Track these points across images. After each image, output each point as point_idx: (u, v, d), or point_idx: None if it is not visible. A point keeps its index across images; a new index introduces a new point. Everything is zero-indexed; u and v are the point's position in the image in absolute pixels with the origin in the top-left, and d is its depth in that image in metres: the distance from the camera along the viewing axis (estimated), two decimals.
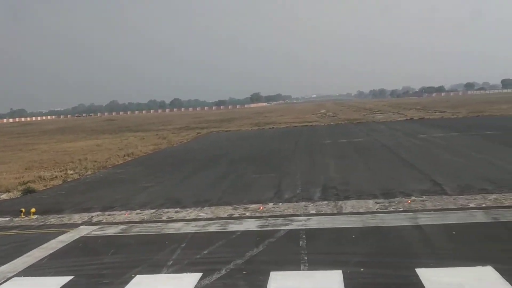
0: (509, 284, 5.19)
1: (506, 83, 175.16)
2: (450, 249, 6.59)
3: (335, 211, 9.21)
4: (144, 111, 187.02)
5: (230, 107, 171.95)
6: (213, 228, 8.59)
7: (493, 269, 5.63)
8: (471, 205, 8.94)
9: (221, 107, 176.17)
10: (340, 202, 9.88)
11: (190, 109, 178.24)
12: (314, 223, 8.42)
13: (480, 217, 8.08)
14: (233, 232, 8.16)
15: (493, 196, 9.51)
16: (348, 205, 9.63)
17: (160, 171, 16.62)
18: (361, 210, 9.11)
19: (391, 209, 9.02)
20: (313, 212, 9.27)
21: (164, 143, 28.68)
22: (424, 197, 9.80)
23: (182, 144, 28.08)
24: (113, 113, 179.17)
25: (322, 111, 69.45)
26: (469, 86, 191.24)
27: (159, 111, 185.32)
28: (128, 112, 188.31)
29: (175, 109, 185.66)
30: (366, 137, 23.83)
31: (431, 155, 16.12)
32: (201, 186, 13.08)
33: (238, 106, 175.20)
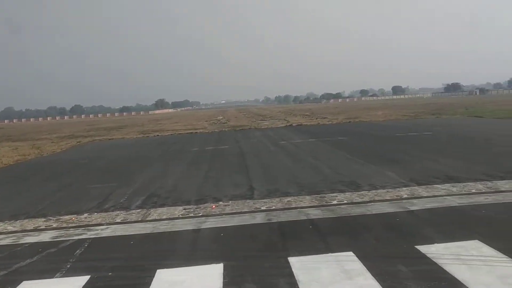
0: (221, 280, 5.91)
1: (396, 90, 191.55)
2: (204, 250, 7.27)
3: (140, 219, 9.64)
4: (40, 119, 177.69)
5: (133, 113, 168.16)
6: (7, 241, 8.60)
7: (222, 267, 6.36)
8: (263, 208, 9.79)
9: (124, 113, 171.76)
10: (151, 210, 10.33)
11: (91, 115, 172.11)
12: (108, 232, 8.75)
13: (258, 219, 8.91)
14: (22, 245, 8.25)
15: (288, 199, 10.49)
16: (157, 212, 10.08)
17: (3, 184, 16.07)
18: (164, 217, 9.62)
19: (191, 215, 9.62)
20: (119, 220, 9.60)
21: (34, 154, 27.56)
22: (230, 202, 10.55)
23: (53, 155, 27.15)
24: (6, 121, 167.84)
25: (219, 117, 70.61)
26: (364, 92, 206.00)
27: (57, 118, 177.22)
28: (23, 120, 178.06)
29: (74, 116, 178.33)
30: (233, 144, 24.78)
31: (271, 161, 17.21)
32: (32, 198, 12.88)
33: (142, 113, 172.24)
